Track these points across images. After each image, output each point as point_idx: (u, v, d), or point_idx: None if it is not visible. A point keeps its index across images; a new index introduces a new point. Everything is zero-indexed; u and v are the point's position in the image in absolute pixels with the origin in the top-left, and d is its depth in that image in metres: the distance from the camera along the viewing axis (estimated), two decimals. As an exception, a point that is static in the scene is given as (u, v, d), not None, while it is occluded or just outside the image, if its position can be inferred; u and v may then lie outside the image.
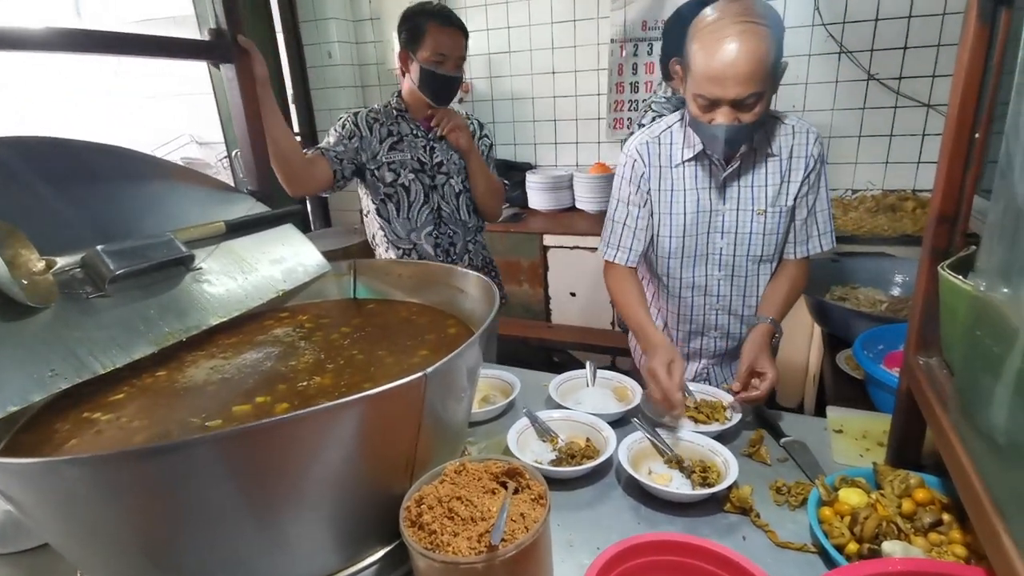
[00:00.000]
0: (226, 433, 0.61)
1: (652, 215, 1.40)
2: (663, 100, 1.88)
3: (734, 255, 1.39)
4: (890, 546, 0.76)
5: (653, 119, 1.70)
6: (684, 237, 1.39)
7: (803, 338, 2.35)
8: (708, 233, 1.39)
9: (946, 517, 0.83)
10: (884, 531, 0.80)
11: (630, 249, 1.41)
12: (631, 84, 3.05)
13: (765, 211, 1.34)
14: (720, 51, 1.11)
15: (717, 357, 1.56)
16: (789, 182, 1.34)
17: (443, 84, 1.72)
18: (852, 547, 0.80)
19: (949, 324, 0.80)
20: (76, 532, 0.70)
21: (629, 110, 3.10)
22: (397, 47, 1.77)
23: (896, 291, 1.92)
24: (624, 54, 3.01)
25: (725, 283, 1.43)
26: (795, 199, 1.35)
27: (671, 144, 1.36)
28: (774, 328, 1.32)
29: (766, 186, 1.34)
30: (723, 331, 1.50)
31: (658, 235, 1.41)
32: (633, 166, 1.38)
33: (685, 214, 1.37)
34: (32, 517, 0.71)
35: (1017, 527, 0.54)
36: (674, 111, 1.64)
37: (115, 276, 0.85)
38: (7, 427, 0.79)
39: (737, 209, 1.36)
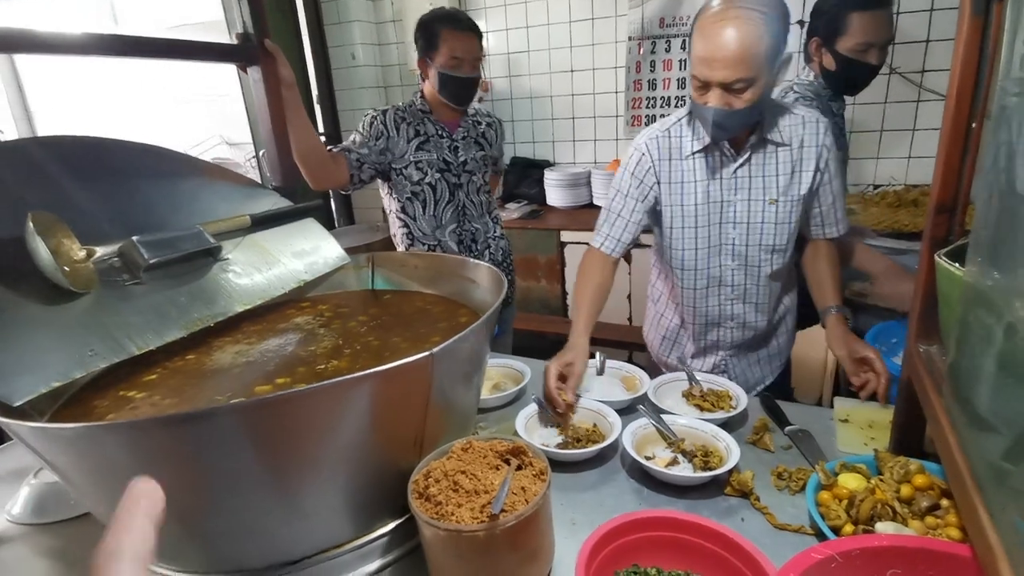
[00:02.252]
0: (246, 403, 0.66)
1: (663, 208, 1.43)
2: (806, 83, 1.75)
3: (747, 244, 1.42)
4: (883, 527, 0.78)
5: (795, 100, 1.67)
6: (696, 228, 1.41)
7: (821, 333, 2.34)
8: (720, 224, 1.41)
9: (944, 502, 0.84)
10: (879, 513, 0.81)
11: (618, 240, 1.44)
12: (649, 81, 3.06)
13: (777, 200, 1.37)
14: (713, 34, 1.16)
15: (734, 348, 1.58)
16: (801, 171, 1.37)
17: (461, 86, 1.79)
18: (848, 528, 0.82)
19: (946, 311, 0.82)
20: (113, 497, 0.76)
21: (647, 107, 3.11)
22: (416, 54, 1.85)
23: (915, 286, 1.90)
24: (642, 51, 3.02)
25: (739, 272, 1.45)
26: (811, 188, 1.38)
27: (680, 137, 1.39)
28: (843, 314, 1.37)
29: (777, 175, 1.36)
30: (739, 321, 1.52)
31: (671, 227, 1.43)
32: (639, 160, 1.41)
33: (696, 205, 1.39)
34: (73, 483, 0.77)
35: (994, 503, 0.56)
36: (813, 97, 1.67)
37: (149, 265, 0.92)
38: (51, 402, 0.86)
39: (749, 199, 1.38)
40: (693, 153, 1.37)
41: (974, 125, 0.80)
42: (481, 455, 0.82)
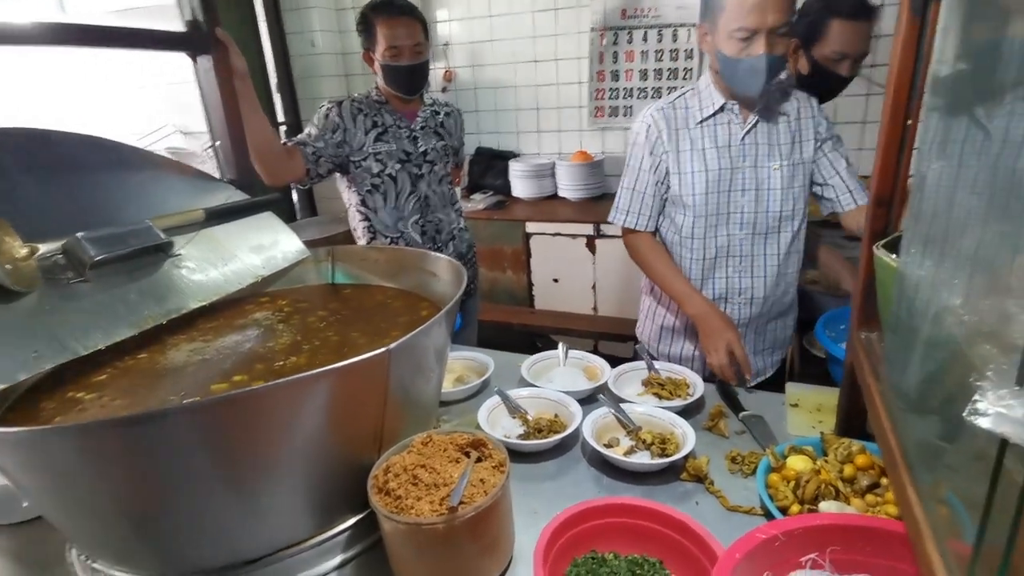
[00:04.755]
0: (196, 404, 0.65)
1: (671, 177, 1.46)
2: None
3: (755, 212, 1.45)
4: (826, 505, 0.82)
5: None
6: (707, 194, 1.44)
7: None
8: (730, 191, 1.44)
9: (884, 480, 0.88)
10: (823, 492, 0.86)
11: (649, 215, 1.49)
12: (612, 72, 3.08)
13: (781, 166, 1.42)
14: None
15: (742, 328, 1.56)
16: (802, 141, 1.44)
17: (406, 75, 1.75)
18: (795, 508, 0.86)
19: (883, 300, 0.86)
20: (63, 501, 0.74)
21: (610, 98, 3.13)
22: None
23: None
24: (604, 42, 3.03)
25: (747, 242, 1.48)
26: (812, 155, 1.45)
27: (687, 108, 1.44)
28: None
29: (780, 144, 1.42)
30: (747, 296, 1.52)
31: (681, 195, 1.46)
32: (647, 132, 1.44)
33: (707, 171, 1.43)
34: (23, 488, 0.75)
35: (921, 482, 0.60)
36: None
37: (95, 262, 0.89)
38: (-4, 405, 0.83)
39: (756, 166, 1.43)
40: (701, 122, 1.41)
41: (910, 122, 0.84)
42: (441, 448, 0.83)
